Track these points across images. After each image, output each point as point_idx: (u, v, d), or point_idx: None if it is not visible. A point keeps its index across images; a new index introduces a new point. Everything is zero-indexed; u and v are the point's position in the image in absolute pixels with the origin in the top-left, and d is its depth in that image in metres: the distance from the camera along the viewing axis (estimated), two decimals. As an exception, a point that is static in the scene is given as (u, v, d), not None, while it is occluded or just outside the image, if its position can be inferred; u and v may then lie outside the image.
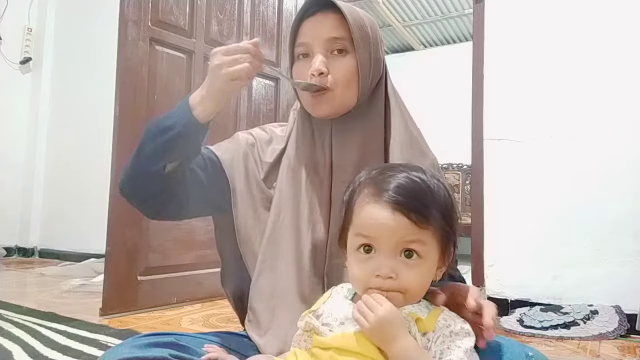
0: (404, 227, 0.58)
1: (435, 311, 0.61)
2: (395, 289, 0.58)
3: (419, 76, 5.78)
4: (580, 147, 2.00)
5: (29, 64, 4.08)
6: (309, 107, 0.83)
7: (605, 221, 1.93)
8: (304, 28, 0.82)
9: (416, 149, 0.84)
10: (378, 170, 0.63)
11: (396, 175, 0.61)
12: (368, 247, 0.60)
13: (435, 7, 5.18)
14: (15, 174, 4.01)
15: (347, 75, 0.80)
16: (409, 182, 0.60)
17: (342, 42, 0.80)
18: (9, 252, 3.92)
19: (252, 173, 0.86)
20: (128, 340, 0.67)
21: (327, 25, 0.80)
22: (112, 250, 1.97)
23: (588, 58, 2.02)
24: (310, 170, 0.84)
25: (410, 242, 0.58)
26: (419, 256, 0.59)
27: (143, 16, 2.08)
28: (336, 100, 0.80)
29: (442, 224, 0.60)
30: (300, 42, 0.83)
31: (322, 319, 0.62)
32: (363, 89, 0.81)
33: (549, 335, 1.74)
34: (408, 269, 0.58)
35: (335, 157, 0.82)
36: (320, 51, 0.80)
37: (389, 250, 0.58)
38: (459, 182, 5.01)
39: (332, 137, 0.83)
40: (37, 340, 1.57)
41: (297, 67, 0.84)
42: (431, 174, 0.63)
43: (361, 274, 0.60)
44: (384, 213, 0.58)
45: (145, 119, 2.09)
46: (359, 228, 0.60)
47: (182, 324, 1.87)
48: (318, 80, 0.79)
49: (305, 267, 0.79)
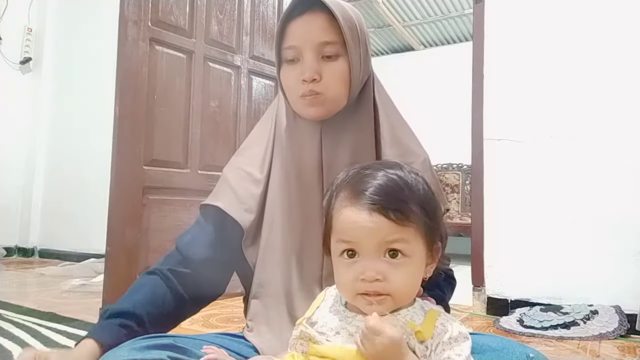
0: (384, 227, 0.56)
1: (431, 315, 0.59)
2: (383, 292, 0.56)
3: (419, 76, 5.79)
4: (580, 147, 2.00)
5: (29, 64, 4.09)
6: (298, 108, 0.81)
7: (605, 221, 1.93)
8: (292, 29, 0.79)
9: (406, 146, 0.83)
10: (354, 171, 0.62)
11: (372, 174, 0.60)
12: (351, 252, 0.58)
13: (435, 7, 5.18)
14: (15, 174, 4.01)
15: (340, 79, 0.78)
16: (385, 181, 0.58)
17: (334, 47, 0.77)
18: (9, 252, 3.92)
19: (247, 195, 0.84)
20: (126, 342, 0.67)
21: (317, 28, 0.77)
22: (112, 250, 1.97)
23: (588, 58, 2.02)
24: (300, 171, 0.82)
25: (393, 242, 0.57)
26: (404, 255, 0.57)
27: (143, 16, 2.08)
28: (327, 103, 0.79)
29: (424, 219, 0.58)
30: (289, 45, 0.79)
31: (317, 327, 0.61)
32: (354, 89, 0.80)
33: (549, 335, 1.74)
34: (394, 270, 0.57)
35: (326, 157, 0.81)
36: (311, 56, 0.77)
37: (372, 252, 0.57)
38: (459, 182, 5.01)
39: (321, 137, 0.81)
40: (37, 340, 1.56)
41: (286, 71, 0.81)
42: (409, 169, 0.62)
43: (347, 279, 0.58)
44: (362, 215, 0.57)
45: (145, 119, 2.09)
46: (339, 234, 0.59)
47: (181, 324, 1.87)
48: (311, 86, 0.77)
49: (302, 273, 0.79)
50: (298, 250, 0.81)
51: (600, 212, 1.94)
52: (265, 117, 0.92)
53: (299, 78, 0.77)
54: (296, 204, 0.82)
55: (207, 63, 2.37)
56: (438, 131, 4.72)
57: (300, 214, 0.81)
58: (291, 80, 0.80)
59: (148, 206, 2.08)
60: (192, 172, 2.28)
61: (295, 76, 0.78)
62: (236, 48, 2.53)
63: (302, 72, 0.77)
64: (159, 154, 2.15)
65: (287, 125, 0.85)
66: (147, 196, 2.09)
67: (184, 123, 2.27)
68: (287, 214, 0.82)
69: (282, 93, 0.84)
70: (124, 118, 2.01)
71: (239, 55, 2.54)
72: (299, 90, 0.78)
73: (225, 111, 2.44)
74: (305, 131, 0.83)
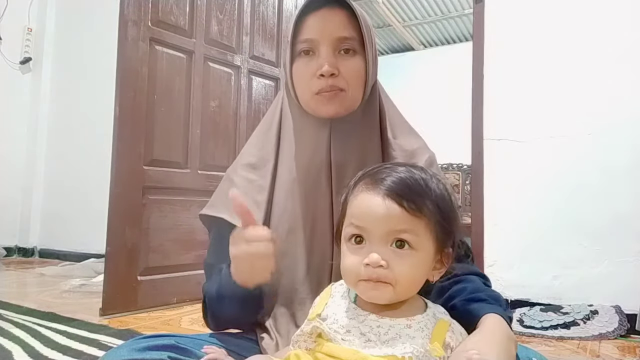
0: (396, 214, 0.56)
1: (441, 327, 0.58)
2: (385, 280, 0.56)
3: (419, 76, 5.79)
4: (580, 147, 2.00)
5: (29, 64, 4.08)
6: (312, 106, 0.78)
7: (605, 221, 1.93)
8: (309, 23, 0.77)
9: (410, 150, 0.82)
10: (376, 166, 0.63)
11: (394, 168, 0.60)
12: (359, 238, 0.59)
13: (435, 7, 5.18)
14: (15, 174, 4.00)
15: (357, 76, 0.77)
16: (405, 175, 0.59)
17: (351, 43, 0.76)
18: (9, 252, 3.92)
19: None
20: (127, 342, 0.67)
21: (336, 23, 0.76)
22: (112, 250, 1.97)
23: (588, 58, 2.02)
24: (308, 173, 0.80)
25: (402, 232, 0.57)
26: (411, 247, 0.57)
27: (143, 16, 2.08)
28: (347, 101, 0.77)
29: (437, 217, 0.58)
30: (305, 39, 0.77)
31: (327, 324, 0.60)
32: (368, 89, 0.79)
33: (549, 335, 1.74)
34: (399, 259, 0.56)
35: (335, 157, 0.79)
36: (328, 50, 0.76)
37: (380, 239, 0.57)
38: (459, 182, 5.01)
39: (330, 137, 0.79)
40: (37, 340, 1.56)
41: (299, 64, 0.79)
42: (433, 174, 0.63)
43: (352, 263, 0.58)
44: (376, 200, 0.57)
45: (145, 119, 2.09)
46: (351, 217, 0.60)
47: (182, 324, 1.87)
48: (331, 81, 0.75)
49: (311, 271, 0.79)
50: (305, 253, 0.79)
51: (600, 212, 1.94)
52: (268, 116, 0.89)
53: (315, 73, 0.75)
54: (303, 206, 0.80)
55: (207, 63, 2.38)
56: (438, 131, 4.71)
57: (307, 216, 0.79)
58: (306, 75, 0.77)
59: (148, 206, 2.09)
60: (192, 172, 2.28)
61: (311, 71, 0.76)
62: (236, 48, 2.53)
63: (318, 66, 0.75)
64: (159, 154, 2.15)
65: (294, 124, 0.82)
66: (147, 196, 2.09)
67: (184, 123, 2.27)
68: (293, 217, 0.80)
69: (291, 89, 0.81)
70: (124, 118, 2.01)
71: (239, 55, 2.54)
72: (314, 86, 0.76)
73: (225, 111, 2.44)
74: (313, 131, 0.80)
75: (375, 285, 0.57)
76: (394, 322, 0.57)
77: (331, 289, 0.66)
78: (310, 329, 0.61)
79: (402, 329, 0.57)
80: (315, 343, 0.61)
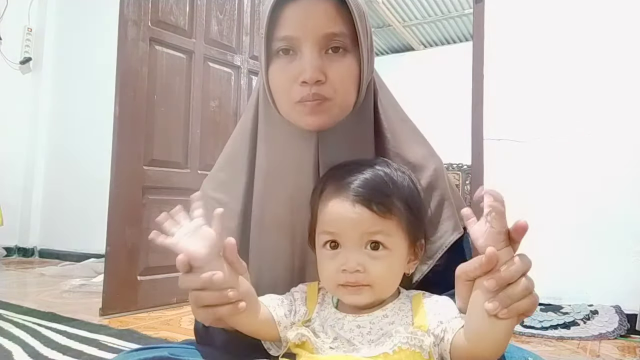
0: (366, 218, 0.57)
1: (417, 300, 0.60)
2: (363, 282, 0.57)
3: (419, 76, 5.79)
4: (580, 147, 2.00)
5: (29, 64, 4.09)
6: (294, 116, 0.65)
7: (606, 221, 1.92)
8: (288, 15, 0.62)
9: (412, 163, 0.69)
10: (341, 167, 0.62)
11: (358, 169, 0.60)
12: (334, 244, 0.59)
13: (435, 7, 5.18)
14: (15, 174, 4.01)
15: (348, 80, 0.64)
16: (370, 175, 0.59)
17: (341, 39, 0.62)
18: (9, 252, 3.93)
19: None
20: (119, 356, 0.64)
21: (321, 16, 0.61)
22: (112, 250, 1.97)
23: (588, 58, 2.02)
24: (294, 194, 0.68)
25: (375, 234, 0.57)
26: (385, 247, 0.58)
27: (143, 16, 2.08)
28: (334, 110, 0.64)
29: (407, 215, 0.59)
30: (283, 36, 0.62)
31: (313, 329, 0.59)
32: (362, 92, 0.66)
33: (549, 335, 1.74)
34: (375, 262, 0.57)
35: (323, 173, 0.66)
36: (312, 50, 0.61)
37: (354, 243, 0.58)
38: (459, 182, 5.01)
39: (318, 151, 0.66)
40: (37, 340, 1.56)
41: (276, 67, 0.64)
42: (396, 167, 0.63)
43: (329, 270, 0.59)
44: (345, 206, 0.58)
45: (146, 119, 2.09)
46: (323, 225, 0.60)
47: (182, 324, 1.87)
48: (315, 89, 0.61)
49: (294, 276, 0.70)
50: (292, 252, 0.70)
51: (600, 212, 1.94)
52: (241, 125, 0.75)
53: (296, 78, 0.62)
54: (289, 227, 0.68)
55: (207, 63, 2.38)
56: (438, 131, 4.70)
57: (294, 239, 0.68)
58: (285, 80, 0.63)
59: (148, 206, 2.09)
60: (192, 172, 2.28)
61: (291, 76, 0.62)
62: (236, 48, 2.53)
63: (300, 72, 0.61)
64: (159, 154, 2.15)
65: (273, 136, 0.68)
66: (147, 196, 2.09)
67: (184, 123, 2.27)
68: (279, 242, 0.69)
69: (268, 96, 0.67)
70: (124, 118, 2.01)
71: (239, 55, 2.54)
72: (294, 94, 0.62)
73: (225, 111, 2.44)
74: (297, 143, 0.66)
75: (354, 290, 0.58)
76: (372, 317, 0.58)
77: (322, 296, 0.64)
78: (294, 335, 0.58)
79: (381, 320, 0.58)
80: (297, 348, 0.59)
